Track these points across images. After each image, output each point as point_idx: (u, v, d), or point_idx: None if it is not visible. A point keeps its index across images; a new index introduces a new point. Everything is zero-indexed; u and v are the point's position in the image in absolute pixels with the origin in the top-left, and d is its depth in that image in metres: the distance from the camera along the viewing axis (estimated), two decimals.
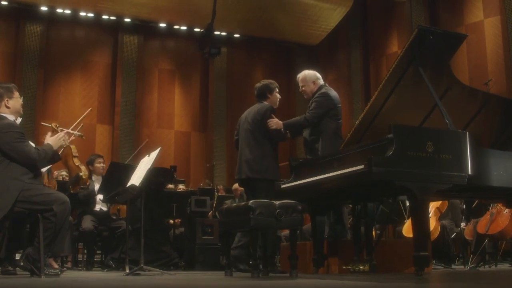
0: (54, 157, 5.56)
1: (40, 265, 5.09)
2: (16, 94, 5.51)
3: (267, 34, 16.66)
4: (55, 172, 8.31)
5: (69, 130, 6.03)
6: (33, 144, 5.47)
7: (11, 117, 5.40)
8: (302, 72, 7.08)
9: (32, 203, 5.13)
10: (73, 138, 6.00)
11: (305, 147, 6.82)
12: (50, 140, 5.52)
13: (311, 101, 6.75)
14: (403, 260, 5.77)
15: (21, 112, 5.56)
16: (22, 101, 5.58)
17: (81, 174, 7.57)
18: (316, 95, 6.72)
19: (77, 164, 7.66)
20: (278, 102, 6.87)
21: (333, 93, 6.74)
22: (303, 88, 6.97)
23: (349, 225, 6.76)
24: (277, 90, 6.86)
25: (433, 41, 5.06)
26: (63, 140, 5.59)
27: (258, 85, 6.89)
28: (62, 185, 7.94)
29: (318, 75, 6.97)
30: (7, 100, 5.41)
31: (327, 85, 6.96)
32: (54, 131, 6.22)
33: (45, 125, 6.39)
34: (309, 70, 7.06)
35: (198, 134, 16.27)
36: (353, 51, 15.95)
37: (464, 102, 5.54)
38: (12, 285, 4.22)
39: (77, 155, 7.78)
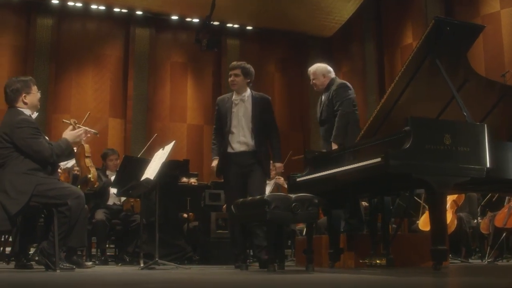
0: (70, 153, 5.59)
1: (55, 259, 5.13)
2: (34, 88, 5.56)
3: (280, 26, 16.62)
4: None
5: (87, 128, 6.04)
6: (47, 139, 5.51)
7: (27, 112, 5.44)
8: (313, 65, 7.28)
9: (47, 197, 5.17)
10: (89, 135, 6.02)
11: (324, 140, 6.85)
12: (68, 134, 5.55)
13: (329, 94, 6.84)
14: (420, 254, 5.77)
15: (38, 106, 5.62)
16: None
17: (89, 176, 7.58)
18: (335, 87, 6.87)
19: (88, 165, 7.67)
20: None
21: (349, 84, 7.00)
22: (313, 81, 7.15)
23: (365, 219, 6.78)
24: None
25: (450, 32, 5.05)
26: (82, 136, 5.63)
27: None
28: (76, 180, 7.97)
29: (329, 68, 7.15)
30: (24, 96, 5.46)
31: (337, 78, 7.12)
32: (73, 128, 6.25)
33: (66, 122, 6.42)
34: (320, 64, 7.27)
35: (211, 128, 16.08)
36: (367, 43, 15.89)
37: (482, 94, 5.51)
38: (27, 279, 4.25)
39: (89, 155, 7.79)
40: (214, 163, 6.65)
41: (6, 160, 5.21)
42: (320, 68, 7.13)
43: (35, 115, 5.56)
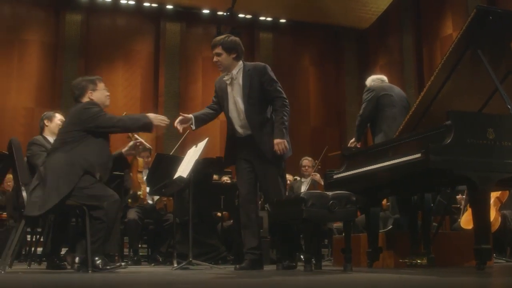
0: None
1: (87, 260, 5.16)
2: (100, 85, 5.70)
3: (314, 18, 16.59)
4: None
5: (144, 142, 6.14)
6: None
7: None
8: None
9: (83, 197, 5.18)
10: (141, 147, 6.13)
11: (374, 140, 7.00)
12: (152, 115, 5.63)
13: None
14: (462, 253, 5.72)
15: (107, 103, 5.72)
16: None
17: (139, 193, 7.68)
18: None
19: (139, 180, 7.78)
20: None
21: (376, 84, 7.19)
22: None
23: None
24: None
25: (492, 22, 4.98)
26: (165, 123, 5.65)
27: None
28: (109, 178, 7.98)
29: (374, 78, 7.43)
30: (90, 92, 5.58)
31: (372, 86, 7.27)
32: (129, 139, 6.33)
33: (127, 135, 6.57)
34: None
35: None
36: (405, 34, 15.76)
37: None
38: (60, 280, 4.30)
39: (142, 170, 7.89)
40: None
41: (64, 143, 5.32)
42: (368, 79, 7.48)
43: None
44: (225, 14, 14.75)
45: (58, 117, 6.82)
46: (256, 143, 5.78)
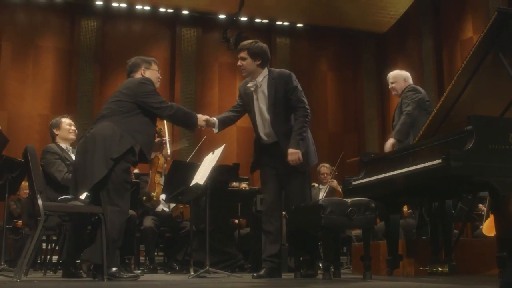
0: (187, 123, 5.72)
1: (103, 267, 5.15)
2: (154, 66, 5.74)
3: (332, 23, 16.57)
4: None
5: (168, 142, 6.15)
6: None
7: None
8: (394, 71, 7.51)
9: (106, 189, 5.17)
10: (164, 147, 6.14)
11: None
12: (200, 116, 5.73)
13: (400, 100, 7.08)
14: (484, 261, 5.68)
15: (157, 85, 5.71)
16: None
17: (153, 194, 7.70)
18: (405, 90, 7.09)
19: (156, 181, 7.77)
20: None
21: (422, 89, 7.17)
22: (393, 85, 7.29)
23: None
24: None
25: None
26: (204, 124, 5.76)
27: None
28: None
29: (409, 75, 7.33)
30: (143, 70, 5.66)
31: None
32: (157, 134, 6.28)
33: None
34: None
35: None
36: (424, 38, 15.69)
37: None
38: None
39: (161, 171, 7.88)
40: (204, 117, 5.91)
41: (113, 113, 5.37)
42: (402, 73, 7.37)
43: None
44: (246, 19, 14.78)
45: (66, 121, 6.85)
46: (281, 151, 5.76)
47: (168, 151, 6.34)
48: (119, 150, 5.12)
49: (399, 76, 7.29)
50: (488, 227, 7.81)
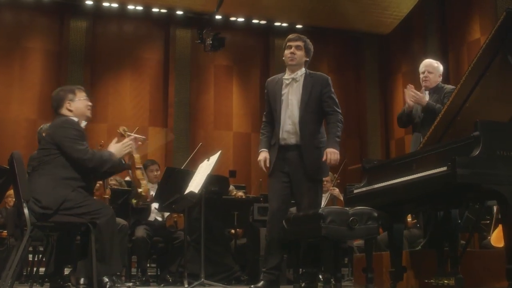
0: (119, 166, 5.63)
1: (93, 280, 5.14)
2: (80, 95, 5.64)
3: (333, 24, 16.59)
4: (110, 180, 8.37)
5: (137, 135, 6.06)
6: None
7: (74, 119, 5.54)
8: (432, 60, 7.30)
9: (74, 216, 5.19)
10: (140, 143, 6.04)
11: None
12: (113, 147, 5.58)
13: (440, 97, 6.90)
14: (493, 273, 5.65)
15: (88, 114, 5.66)
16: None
17: (140, 190, 7.62)
18: (443, 87, 7.01)
19: (139, 177, 7.71)
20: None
21: None
22: (428, 74, 7.09)
23: None
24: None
25: None
26: (130, 147, 5.65)
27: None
28: (116, 194, 7.96)
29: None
30: (68, 103, 5.56)
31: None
32: (122, 137, 6.24)
33: (120, 132, 6.47)
34: None
35: (258, 136, 16.20)
36: (430, 39, 15.69)
37: None
38: None
39: (140, 166, 7.82)
40: (262, 155, 6.02)
41: (43, 164, 5.33)
42: (440, 67, 7.19)
43: (83, 124, 5.61)
44: (243, 19, 14.75)
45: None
46: (299, 155, 5.86)
47: (142, 137, 6.23)
48: (51, 207, 5.15)
49: (438, 69, 7.14)
50: (497, 238, 7.79)
